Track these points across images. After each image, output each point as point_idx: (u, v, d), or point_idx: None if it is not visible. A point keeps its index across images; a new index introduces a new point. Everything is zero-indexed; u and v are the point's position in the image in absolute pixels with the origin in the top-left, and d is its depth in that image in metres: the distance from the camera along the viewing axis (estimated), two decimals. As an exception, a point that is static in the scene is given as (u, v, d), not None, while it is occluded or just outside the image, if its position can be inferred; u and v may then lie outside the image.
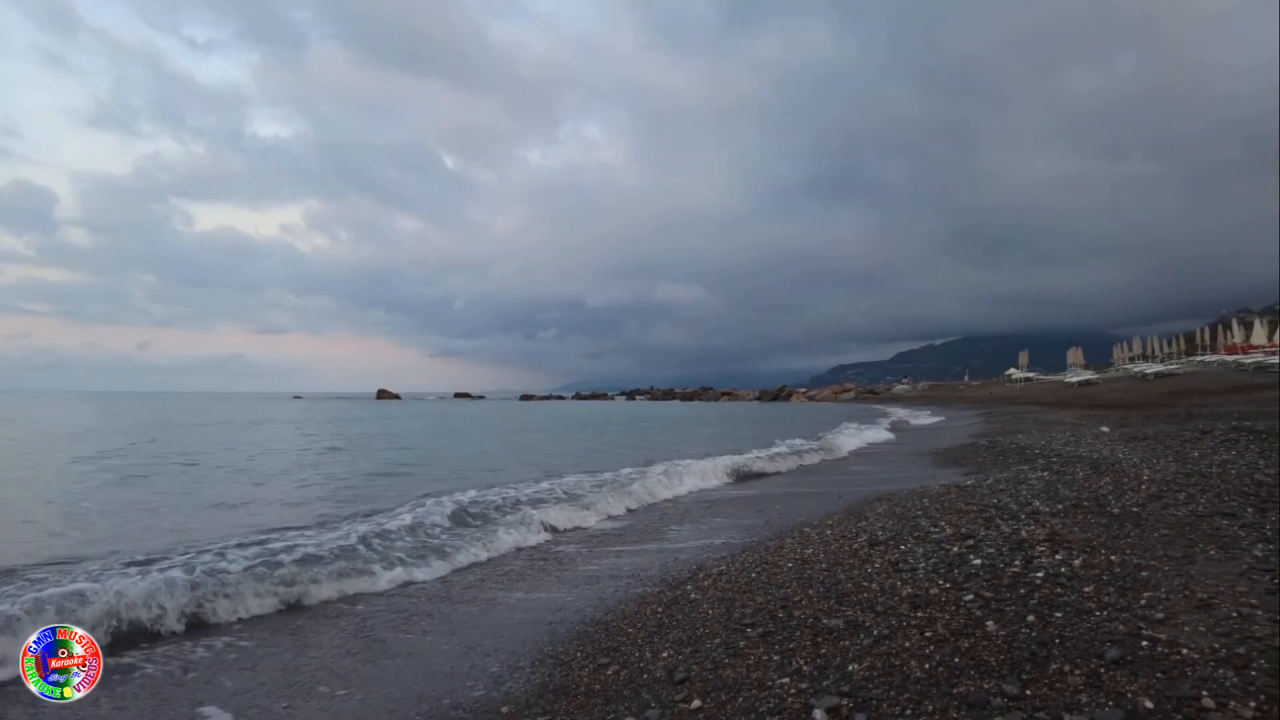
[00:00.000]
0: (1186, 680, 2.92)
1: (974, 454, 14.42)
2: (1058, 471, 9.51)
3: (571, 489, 11.51)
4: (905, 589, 4.59)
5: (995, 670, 3.23)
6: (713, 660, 3.87)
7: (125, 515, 9.61)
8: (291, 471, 15.04)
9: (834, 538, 6.50)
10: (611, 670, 4.06)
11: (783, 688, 3.35)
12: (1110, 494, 7.26)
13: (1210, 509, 6.14)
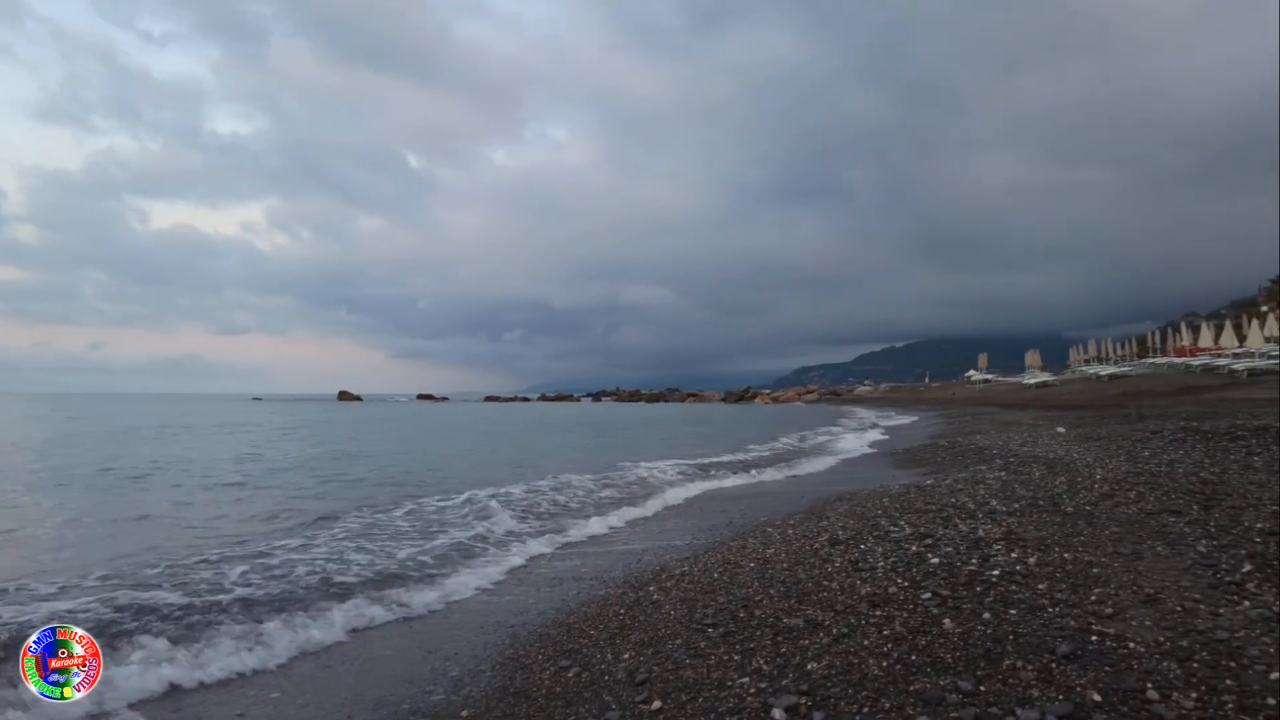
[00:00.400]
0: (1133, 673, 3.00)
1: (934, 454, 14.64)
2: (1015, 471, 9.70)
3: (532, 492, 11.46)
4: (865, 588, 4.64)
5: (951, 667, 3.28)
6: (674, 661, 3.87)
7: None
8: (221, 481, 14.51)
9: (796, 537, 6.56)
10: (573, 672, 4.03)
11: (742, 687, 3.36)
12: (1065, 493, 7.42)
13: (1158, 507, 6.31)
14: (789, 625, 4.11)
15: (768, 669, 3.54)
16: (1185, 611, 3.67)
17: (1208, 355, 45.28)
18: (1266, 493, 6.48)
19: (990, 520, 6.29)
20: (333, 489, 12.56)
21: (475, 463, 18.13)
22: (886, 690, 3.13)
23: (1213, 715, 2.61)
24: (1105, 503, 6.72)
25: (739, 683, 3.43)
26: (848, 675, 3.33)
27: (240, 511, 10.12)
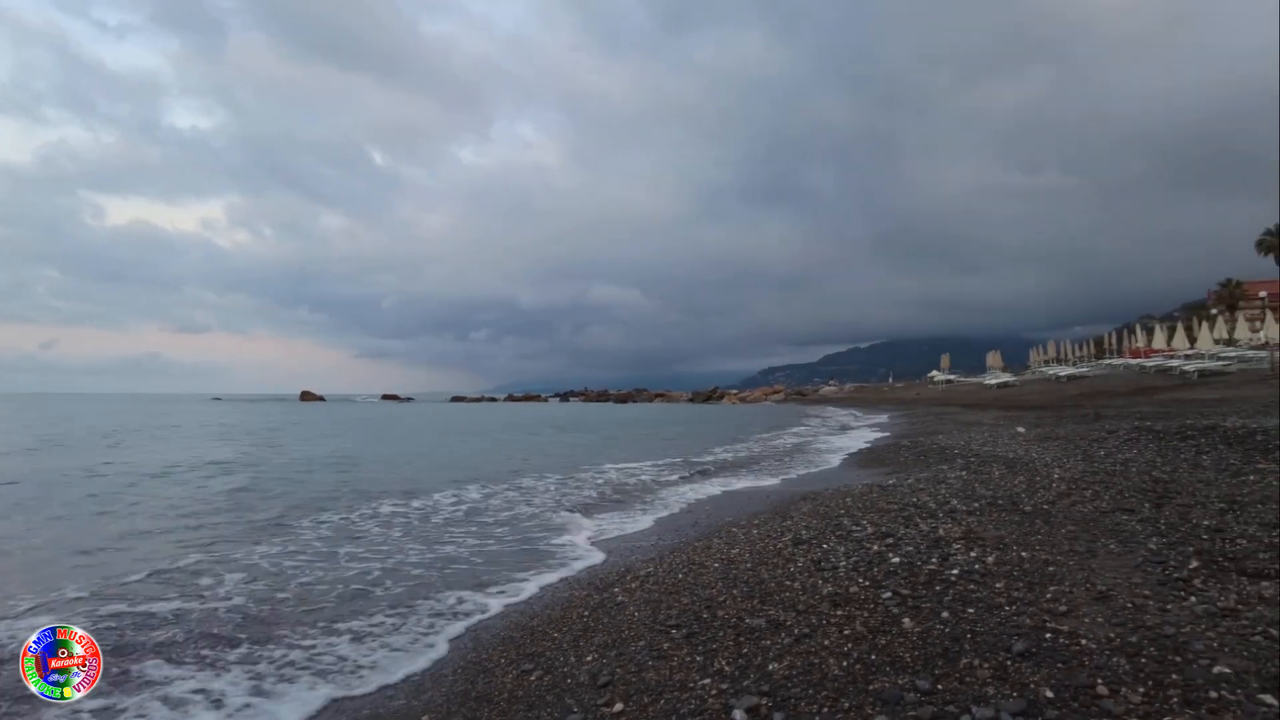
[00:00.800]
0: (1084, 669, 3.06)
1: (896, 454, 14.83)
2: (975, 471, 9.86)
3: (498, 492, 11.37)
4: (826, 587, 4.69)
5: (910, 666, 3.33)
6: (637, 663, 3.87)
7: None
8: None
9: (760, 537, 6.59)
10: (535, 676, 4.01)
11: (704, 689, 3.37)
12: (1024, 492, 7.56)
13: (1113, 505, 6.46)
14: (751, 626, 4.14)
15: (730, 670, 3.56)
16: (1135, 608, 3.76)
17: (1161, 357, 46.47)
18: (1214, 491, 6.67)
19: (951, 519, 6.39)
20: (299, 490, 12.34)
21: (437, 464, 17.88)
22: (846, 690, 3.16)
23: (1159, 709, 2.68)
24: (1062, 502, 6.86)
25: (701, 684, 3.43)
26: (808, 675, 3.36)
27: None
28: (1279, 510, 5.65)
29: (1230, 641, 3.19)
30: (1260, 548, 4.63)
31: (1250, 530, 5.10)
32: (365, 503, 10.50)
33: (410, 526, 8.78)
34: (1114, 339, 64.77)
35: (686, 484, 12.50)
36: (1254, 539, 4.85)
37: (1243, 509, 5.82)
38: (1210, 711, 2.62)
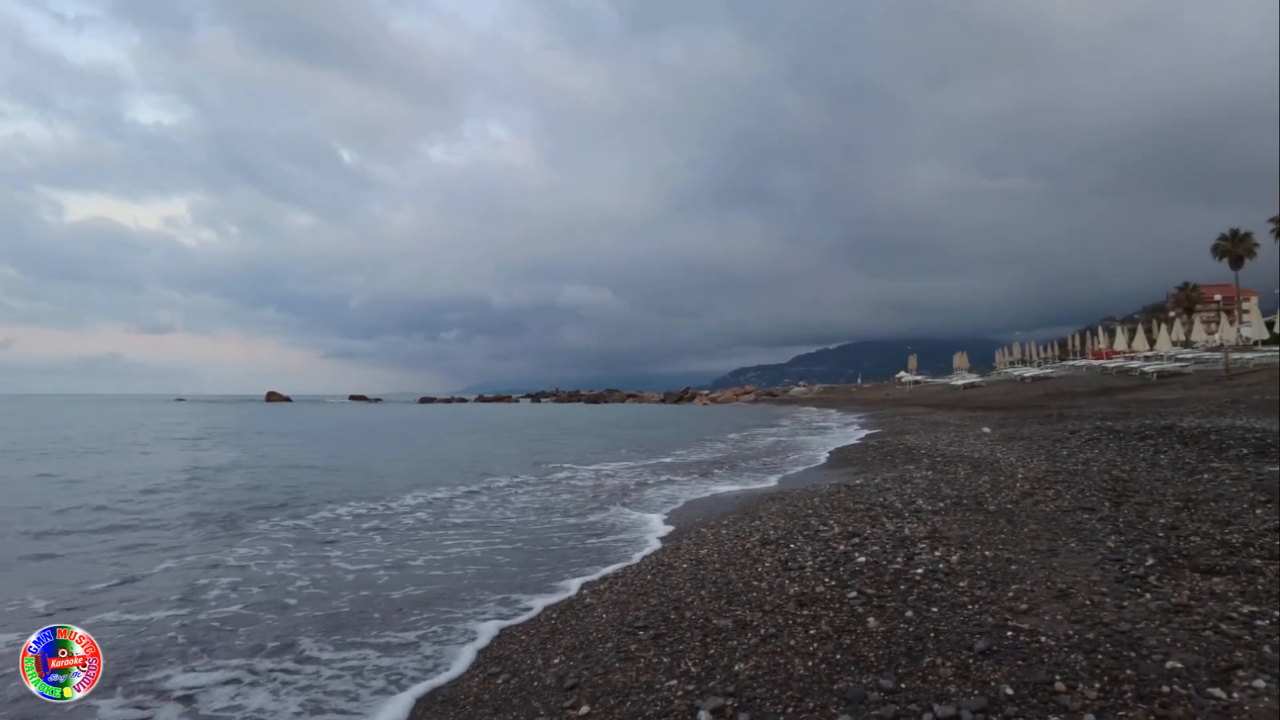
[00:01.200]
0: (1043, 666, 3.12)
1: (864, 454, 14.98)
2: (941, 471, 9.99)
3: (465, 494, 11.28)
4: (793, 587, 4.72)
5: (874, 665, 3.36)
6: (604, 665, 3.86)
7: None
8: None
9: (728, 537, 6.62)
10: (501, 679, 3.98)
11: (670, 690, 3.37)
12: (988, 492, 7.67)
13: (1074, 504, 6.58)
14: (718, 626, 4.15)
15: (696, 671, 3.56)
16: (1093, 605, 3.84)
17: (1122, 358, 47.52)
18: (1170, 489, 6.82)
19: (916, 519, 6.47)
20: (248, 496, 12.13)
21: (404, 467, 17.66)
22: (811, 690, 3.18)
23: (1113, 704, 2.73)
24: (1025, 501, 6.97)
25: (667, 685, 3.43)
26: (774, 675, 3.37)
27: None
28: (1230, 508, 5.79)
29: (1182, 637, 3.27)
30: (1212, 545, 4.74)
31: (1204, 528, 5.22)
32: (325, 507, 10.35)
33: (387, 533, 8.67)
34: (1077, 340, 66.07)
35: (658, 485, 12.51)
36: (1207, 536, 4.97)
37: (1197, 507, 5.96)
38: (1162, 705, 2.67)
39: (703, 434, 27.75)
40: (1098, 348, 58.97)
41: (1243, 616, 3.43)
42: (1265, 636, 3.18)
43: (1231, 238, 55.12)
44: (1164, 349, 46.04)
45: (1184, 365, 37.37)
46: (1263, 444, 9.17)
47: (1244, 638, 3.19)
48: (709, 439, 24.44)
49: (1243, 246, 54.71)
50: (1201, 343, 47.77)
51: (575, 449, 21.88)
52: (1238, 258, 55.08)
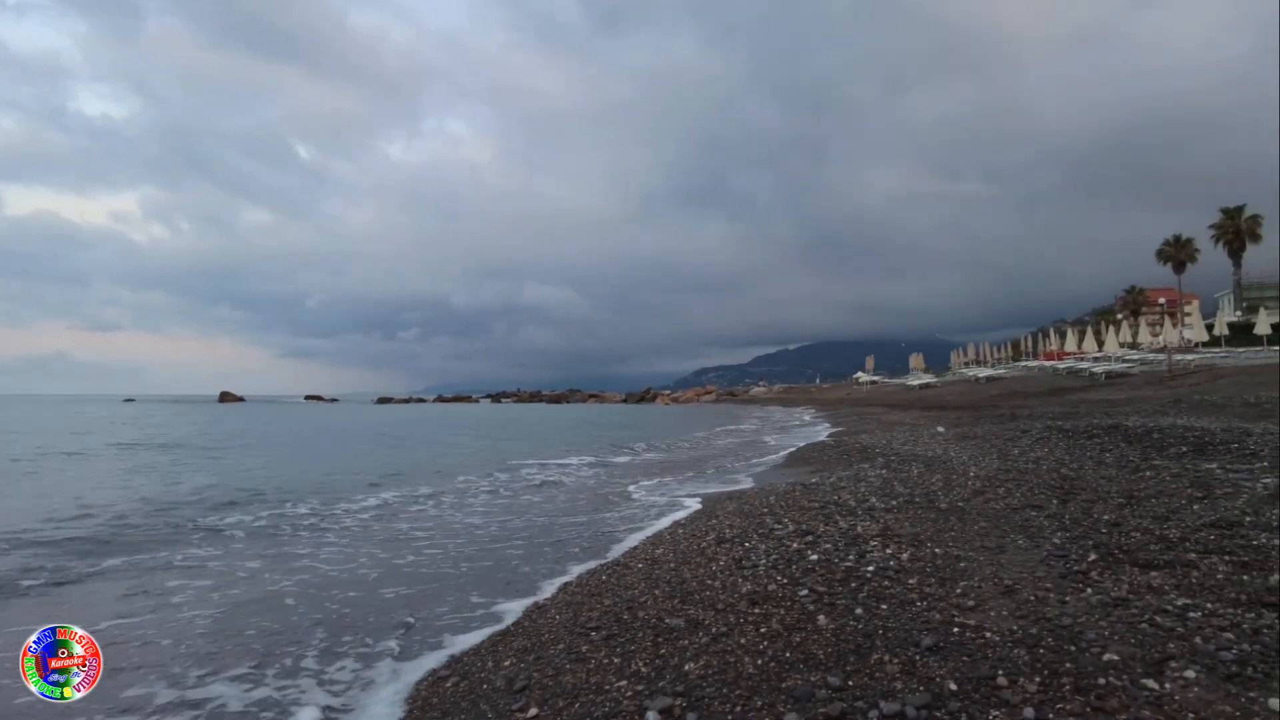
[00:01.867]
0: (987, 661, 3.16)
1: (821, 453, 15.14)
2: (895, 469, 10.13)
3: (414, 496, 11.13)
4: (746, 586, 4.73)
5: (823, 663, 3.37)
6: (554, 666, 3.82)
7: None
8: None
9: (684, 536, 6.63)
10: (451, 682, 3.93)
11: (619, 690, 3.35)
12: (940, 490, 7.79)
13: (1023, 502, 6.70)
14: (670, 626, 4.14)
15: (646, 671, 3.54)
16: (1037, 600, 3.91)
17: (1072, 359, 48.78)
18: (1114, 486, 7.00)
19: (869, 517, 6.54)
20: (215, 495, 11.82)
21: (359, 467, 17.37)
22: (760, 688, 3.18)
23: (1052, 697, 2.78)
24: (976, 499, 7.09)
25: (617, 686, 3.41)
26: (723, 674, 3.37)
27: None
28: (1169, 504, 5.96)
29: (1120, 630, 3.34)
30: (1151, 540, 4.86)
31: (1144, 523, 5.36)
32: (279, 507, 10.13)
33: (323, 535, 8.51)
34: (1030, 342, 67.69)
35: (616, 485, 12.49)
36: (1147, 531, 5.10)
37: (1139, 503, 6.12)
38: (1098, 697, 2.73)
39: (663, 434, 27.81)
40: (1049, 349, 60.47)
41: (1176, 609, 3.53)
42: (1197, 628, 3.27)
43: (1174, 243, 56.96)
44: (1112, 350, 47.37)
45: (1130, 366, 38.52)
46: (1201, 442, 9.46)
47: (1177, 630, 3.28)
48: (669, 439, 24.51)
49: (1185, 252, 56.58)
50: (1147, 344, 49.29)
51: (533, 449, 21.73)
52: (1180, 263, 56.93)
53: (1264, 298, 55.52)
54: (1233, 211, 54.50)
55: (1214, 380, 25.86)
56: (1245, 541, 4.58)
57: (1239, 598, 3.62)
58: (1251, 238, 54.43)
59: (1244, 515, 5.26)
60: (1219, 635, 3.18)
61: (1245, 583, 3.83)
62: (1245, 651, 2.99)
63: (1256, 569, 4.04)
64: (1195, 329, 42.43)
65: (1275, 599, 3.52)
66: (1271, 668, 2.84)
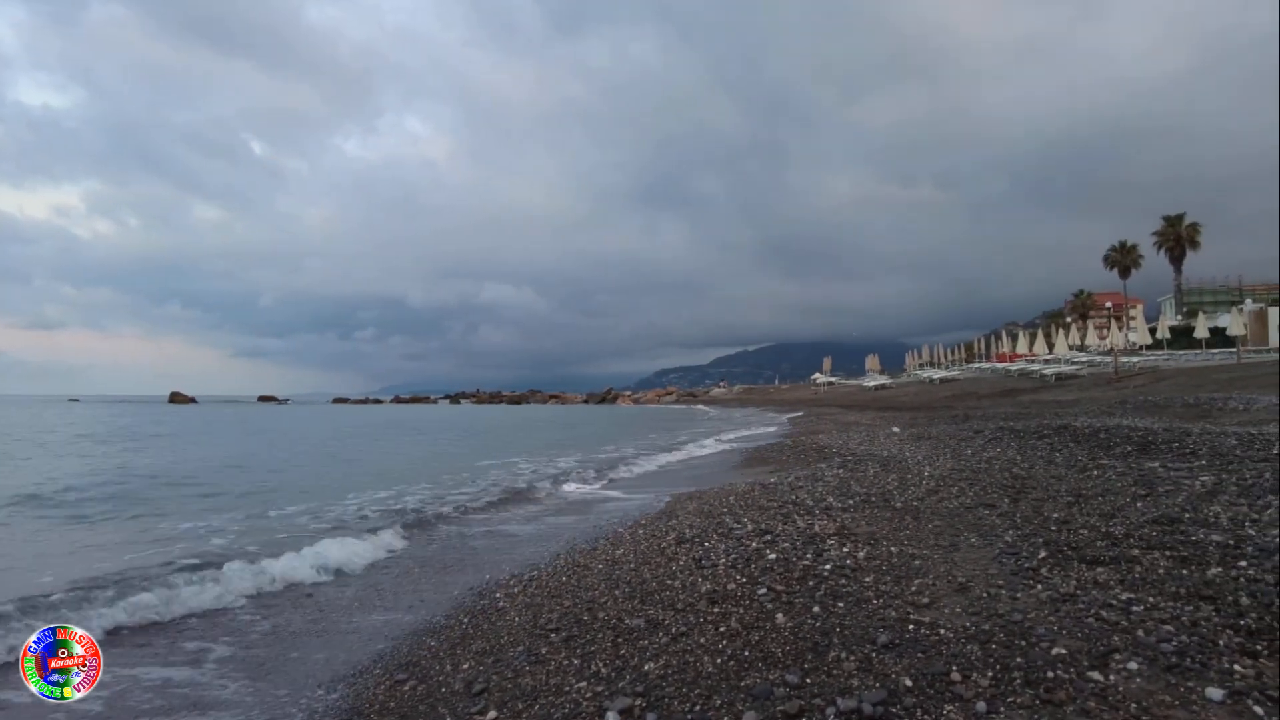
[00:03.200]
0: (941, 658, 3.22)
1: (780, 453, 15.30)
2: (852, 469, 10.28)
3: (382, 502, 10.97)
4: (705, 585, 4.75)
5: (781, 661, 3.40)
6: (514, 669, 3.80)
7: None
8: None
9: (645, 537, 6.63)
10: (409, 686, 3.87)
11: (579, 692, 3.34)
12: (895, 489, 7.92)
13: (976, 501, 6.85)
14: (630, 626, 4.14)
15: (606, 672, 3.54)
16: (990, 597, 3.99)
17: (1024, 361, 50.05)
18: (1063, 485, 7.19)
19: (826, 516, 6.62)
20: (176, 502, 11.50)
21: (312, 472, 17.04)
22: (719, 687, 3.20)
23: (1003, 691, 2.85)
24: (931, 498, 7.22)
25: (576, 687, 3.40)
26: (683, 674, 3.38)
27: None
28: (1115, 502, 6.15)
29: (1068, 624, 3.43)
30: (1098, 537, 5.01)
31: (1091, 521, 5.51)
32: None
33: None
34: (983, 344, 69.26)
35: (579, 485, 12.47)
36: (1093, 529, 5.25)
37: (1086, 501, 6.30)
38: (1046, 690, 2.80)
39: (624, 435, 27.82)
40: (1001, 351, 61.96)
41: (1121, 604, 3.64)
42: (1140, 621, 3.38)
43: (1120, 249, 58.84)
44: (1061, 353, 48.72)
45: (1079, 368, 39.65)
46: (1144, 442, 9.78)
47: (1121, 623, 3.38)
48: (630, 440, 24.52)
49: (1129, 258, 58.48)
50: (1094, 347, 50.80)
51: (493, 450, 21.57)
52: (1125, 268, 58.82)
53: (1203, 302, 57.72)
54: (1174, 219, 56.59)
55: (1157, 382, 26.77)
56: (1185, 537, 4.74)
57: (1179, 591, 3.75)
58: (1191, 244, 56.57)
59: (1183, 512, 5.45)
60: (1160, 628, 3.29)
61: (1184, 577, 3.96)
62: (1184, 643, 3.09)
63: (1195, 563, 4.19)
64: (1140, 332, 43.85)
65: (1212, 592, 3.65)
66: (1208, 658, 2.94)
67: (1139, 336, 43.59)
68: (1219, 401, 16.23)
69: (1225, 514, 5.21)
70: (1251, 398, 16.37)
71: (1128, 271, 58.89)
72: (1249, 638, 3.10)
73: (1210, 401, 16.44)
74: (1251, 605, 3.42)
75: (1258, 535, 4.53)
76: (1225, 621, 3.28)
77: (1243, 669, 2.84)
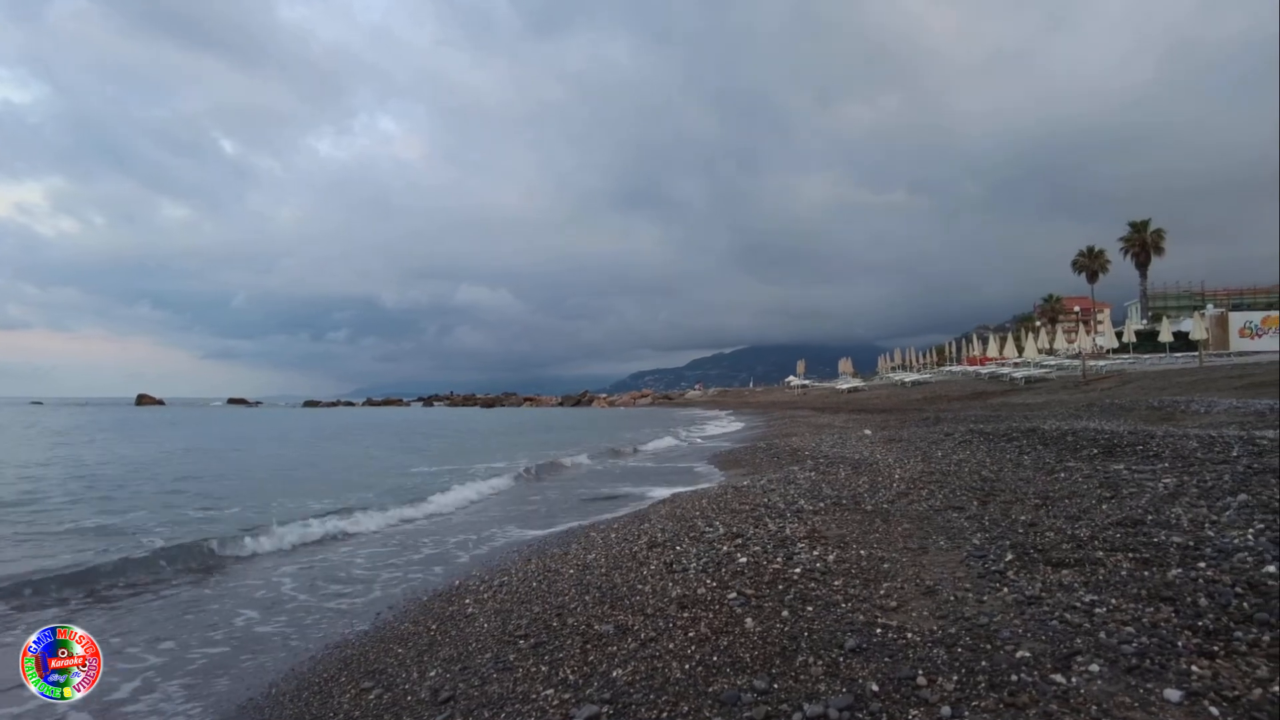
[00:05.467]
0: (907, 662, 3.23)
1: (753, 455, 15.36)
2: (823, 472, 10.33)
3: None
4: (675, 590, 4.74)
5: (749, 666, 3.40)
6: (481, 676, 3.76)
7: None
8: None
9: (616, 541, 6.61)
10: (374, 694, 3.83)
11: (546, 699, 3.31)
12: (866, 492, 7.97)
13: (945, 503, 6.90)
14: (599, 632, 4.11)
15: (574, 678, 3.51)
16: (957, 600, 4.02)
17: (994, 364, 50.73)
18: (1031, 488, 7.27)
19: (797, 519, 6.64)
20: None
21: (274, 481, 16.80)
22: (686, 693, 3.19)
23: (968, 694, 2.86)
24: (901, 501, 7.27)
25: (544, 695, 3.37)
26: (651, 680, 3.36)
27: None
28: (1080, 504, 6.23)
29: (1032, 627, 3.46)
30: (1064, 539, 5.06)
31: (1057, 523, 5.58)
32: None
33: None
34: (954, 347, 70.14)
35: (553, 487, 12.41)
36: (1059, 531, 5.31)
37: (1053, 504, 6.37)
38: (1010, 693, 2.82)
39: (600, 438, 27.74)
40: (972, 354, 62.78)
41: (1084, 606, 3.67)
42: (1102, 623, 3.42)
43: (1088, 254, 59.83)
44: (1031, 356, 49.43)
45: (1048, 371, 40.27)
46: (1110, 444, 9.92)
47: (1084, 625, 3.41)
48: (607, 443, 24.44)
49: (1097, 263, 59.48)
50: (1063, 350, 51.60)
51: (467, 454, 21.41)
52: (1093, 273, 59.83)
53: (1166, 307, 58.95)
54: (1139, 225, 57.74)
55: (1123, 385, 27.26)
56: (1147, 539, 4.81)
57: (1140, 593, 3.79)
58: (1155, 250, 57.74)
59: (1146, 514, 5.53)
60: (1121, 629, 3.32)
61: (1146, 578, 4.02)
62: (1145, 644, 3.13)
63: (1156, 565, 4.25)
64: (1107, 336, 44.64)
65: (1171, 593, 3.71)
66: (1167, 659, 2.98)
67: (1106, 340, 44.37)
68: (1182, 404, 16.55)
69: (1186, 516, 5.30)
70: (1212, 400, 16.71)
71: (1095, 276, 59.92)
72: (1206, 638, 3.14)
73: (1174, 404, 16.76)
74: (1209, 606, 3.47)
75: (1216, 536, 4.60)
76: (1184, 623, 3.33)
77: (1200, 670, 2.88)
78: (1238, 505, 5.41)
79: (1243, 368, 26.20)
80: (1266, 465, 6.76)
